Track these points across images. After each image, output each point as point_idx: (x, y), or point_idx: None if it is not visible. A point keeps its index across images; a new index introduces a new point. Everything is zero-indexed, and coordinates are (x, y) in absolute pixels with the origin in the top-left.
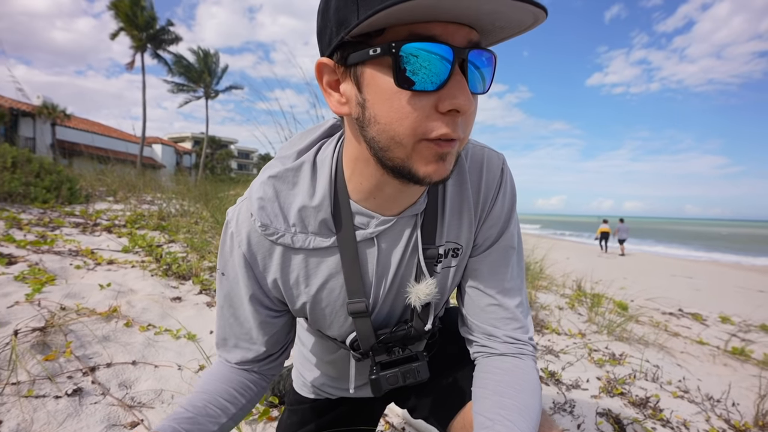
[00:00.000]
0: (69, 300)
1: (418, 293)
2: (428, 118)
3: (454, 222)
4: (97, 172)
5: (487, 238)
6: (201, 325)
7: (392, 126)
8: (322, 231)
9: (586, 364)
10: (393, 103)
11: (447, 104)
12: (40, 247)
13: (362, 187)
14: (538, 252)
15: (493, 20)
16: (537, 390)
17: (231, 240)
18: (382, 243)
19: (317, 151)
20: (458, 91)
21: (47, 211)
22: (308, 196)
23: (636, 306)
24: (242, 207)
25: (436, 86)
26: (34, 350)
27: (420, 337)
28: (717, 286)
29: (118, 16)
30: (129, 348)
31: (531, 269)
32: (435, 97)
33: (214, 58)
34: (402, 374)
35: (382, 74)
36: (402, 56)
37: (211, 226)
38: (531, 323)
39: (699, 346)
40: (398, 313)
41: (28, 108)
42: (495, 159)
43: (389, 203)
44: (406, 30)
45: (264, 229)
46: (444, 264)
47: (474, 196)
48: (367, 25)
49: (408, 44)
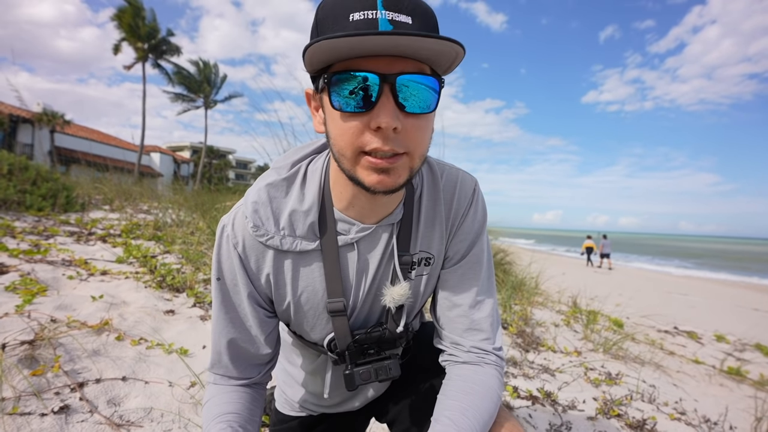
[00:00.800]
0: (60, 312)
1: (393, 295)
2: (362, 135)
3: (427, 233)
4: (94, 180)
5: (457, 252)
6: (194, 340)
7: (337, 141)
8: (308, 235)
9: (583, 383)
10: (336, 122)
11: (374, 122)
12: (32, 256)
13: (342, 196)
14: (534, 267)
15: (417, 52)
16: (490, 393)
17: (227, 242)
18: (362, 248)
19: (309, 163)
20: (382, 111)
21: (42, 219)
22: (298, 202)
23: (631, 323)
24: (238, 212)
25: (367, 108)
26: (22, 365)
27: (394, 340)
28: (712, 303)
29: (121, 26)
30: (119, 363)
31: (526, 285)
32: (367, 116)
33: (213, 69)
34: (375, 370)
35: (328, 99)
36: (333, 84)
37: (207, 237)
38: (500, 334)
39: (695, 365)
40: (375, 316)
41: (27, 115)
42: (468, 180)
43: (367, 212)
44: (343, 65)
45: (255, 230)
46: (417, 271)
47: (446, 211)
48: (313, 63)
49: (338, 74)
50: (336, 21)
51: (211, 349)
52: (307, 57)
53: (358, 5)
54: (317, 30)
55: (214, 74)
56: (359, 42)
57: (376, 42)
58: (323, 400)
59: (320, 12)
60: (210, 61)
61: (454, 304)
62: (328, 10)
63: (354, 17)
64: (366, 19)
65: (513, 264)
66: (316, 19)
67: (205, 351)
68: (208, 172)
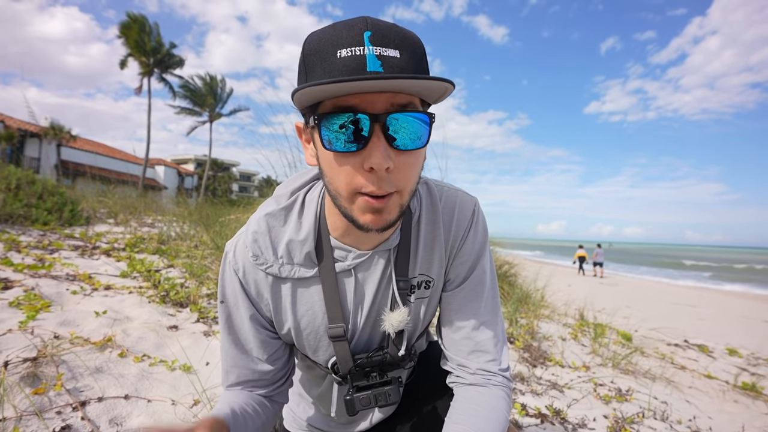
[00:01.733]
0: (63, 328)
1: (392, 321)
2: (357, 176)
3: (426, 257)
4: (99, 194)
5: (458, 274)
6: (197, 356)
7: (332, 180)
8: (306, 263)
9: (592, 400)
10: (328, 162)
11: (366, 163)
12: (37, 271)
13: (337, 225)
14: (540, 280)
15: (405, 89)
16: (496, 415)
17: (229, 268)
18: (359, 274)
19: (306, 192)
20: (374, 151)
21: (47, 233)
22: (295, 231)
23: (640, 336)
24: (239, 240)
25: (358, 147)
26: (24, 383)
27: (396, 363)
28: (720, 315)
29: (127, 42)
30: (122, 380)
31: (532, 297)
32: (360, 156)
33: (220, 84)
34: (374, 396)
35: (319, 139)
36: (323, 125)
37: (210, 251)
38: (506, 355)
39: (707, 380)
40: (376, 340)
41: (35, 129)
42: (468, 201)
43: (363, 239)
44: (331, 103)
45: (255, 259)
46: (417, 295)
47: (445, 234)
48: (302, 101)
49: (327, 117)
50: (323, 58)
51: (221, 367)
52: (296, 99)
53: (345, 42)
54: (305, 65)
55: (220, 88)
56: (347, 86)
57: (364, 85)
58: (331, 419)
59: (307, 47)
60: (217, 76)
61: (458, 327)
62: (314, 45)
63: (341, 54)
64: (353, 56)
65: (518, 276)
66: (303, 53)
67: (209, 367)
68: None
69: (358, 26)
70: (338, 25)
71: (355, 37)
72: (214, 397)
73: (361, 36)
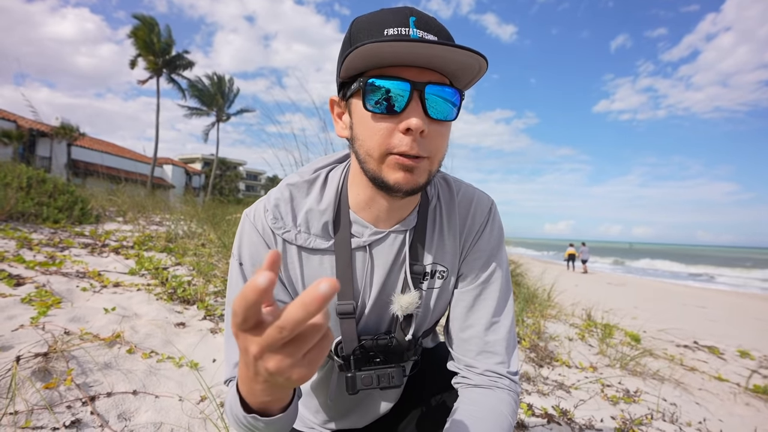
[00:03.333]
0: (73, 324)
1: (401, 302)
2: (391, 136)
3: (440, 244)
4: (108, 192)
5: (471, 270)
6: (204, 353)
7: (366, 141)
8: (323, 233)
9: (599, 401)
10: (366, 123)
11: (403, 124)
12: (48, 268)
13: (359, 198)
14: (546, 279)
15: (445, 64)
16: (499, 419)
17: (250, 226)
18: (374, 252)
19: (330, 170)
20: (413, 114)
21: (58, 231)
22: (316, 201)
23: (648, 337)
24: (259, 205)
25: (396, 111)
26: (35, 377)
27: (402, 352)
28: (731, 316)
29: (137, 43)
30: (130, 376)
31: (539, 297)
32: (396, 119)
33: (228, 84)
34: (377, 376)
35: (359, 102)
36: (368, 87)
37: (217, 249)
38: (515, 358)
39: (718, 382)
40: (384, 325)
41: (45, 128)
42: (485, 199)
43: (383, 215)
44: (377, 72)
45: (274, 221)
46: (429, 284)
47: (460, 225)
48: (352, 68)
49: (372, 79)
50: (371, 35)
51: (225, 361)
52: (348, 61)
53: (392, 23)
54: (351, 42)
55: (228, 88)
56: (399, 47)
57: (413, 49)
58: (329, 412)
59: (354, 26)
60: (225, 76)
61: (468, 326)
62: (362, 26)
63: (388, 32)
64: (400, 34)
65: (524, 276)
66: (350, 32)
67: (215, 364)
68: (219, 183)
69: (404, 12)
70: (385, 10)
71: (401, 19)
72: (220, 394)
73: (406, 19)
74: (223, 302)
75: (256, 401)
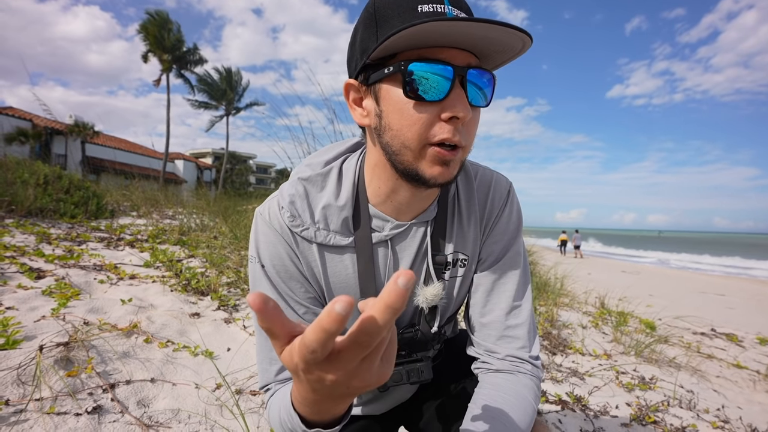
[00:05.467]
0: (92, 315)
1: (426, 295)
2: (432, 125)
3: (461, 233)
4: (122, 188)
5: (491, 253)
6: (219, 342)
7: (402, 132)
8: (342, 230)
9: (614, 388)
10: (403, 112)
11: (448, 112)
12: (66, 261)
13: (380, 191)
14: (560, 268)
15: (488, 44)
16: (523, 404)
17: (266, 226)
18: (396, 246)
19: (343, 161)
20: (457, 101)
21: (75, 225)
22: (333, 197)
23: (664, 325)
24: (272, 203)
25: (439, 98)
26: (58, 366)
27: (426, 342)
28: (751, 304)
29: (147, 38)
30: (148, 365)
31: (551, 286)
32: (438, 107)
33: (236, 77)
34: (407, 372)
35: (394, 88)
36: (409, 72)
37: (229, 241)
38: (537, 342)
39: (737, 369)
40: (407, 317)
41: (60, 127)
42: (503, 181)
43: (404, 207)
44: (415, 53)
45: (292, 219)
46: (451, 273)
47: (480, 210)
48: (384, 48)
49: (414, 63)
50: (402, 11)
51: (259, 367)
52: (385, 44)
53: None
54: (375, 18)
55: (236, 81)
56: (453, 27)
57: (466, 29)
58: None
59: (379, 3)
60: (233, 69)
61: (489, 310)
62: (390, 1)
63: (423, 8)
64: (435, 11)
65: (536, 264)
66: (374, 7)
67: (230, 353)
68: (230, 177)
69: None
70: None
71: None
72: (235, 382)
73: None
74: (236, 293)
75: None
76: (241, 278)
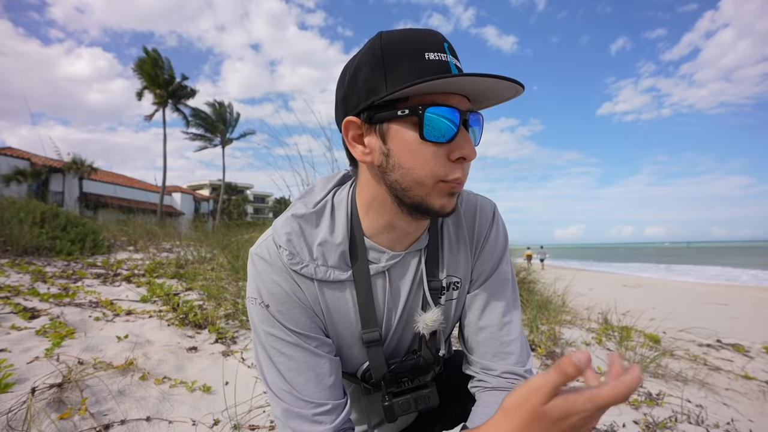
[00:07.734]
0: (87, 353)
1: (426, 321)
2: (444, 165)
3: (453, 257)
4: (119, 222)
5: (481, 273)
6: (216, 377)
7: (415, 170)
8: (340, 264)
9: (621, 405)
10: (416, 152)
11: (457, 153)
12: (62, 299)
13: (377, 224)
14: (560, 284)
15: (485, 93)
16: None
17: (265, 266)
18: (393, 276)
19: (333, 195)
20: (464, 143)
21: (71, 262)
22: (329, 232)
23: (669, 338)
24: (268, 242)
25: (447, 140)
26: (50, 408)
27: (428, 367)
28: (755, 313)
29: (142, 76)
30: (143, 403)
31: (553, 303)
32: (447, 148)
33: (228, 109)
34: (414, 400)
35: (407, 129)
36: (426, 117)
37: (227, 273)
38: (529, 356)
39: (745, 381)
40: (407, 344)
41: (58, 164)
42: (488, 204)
43: (400, 238)
44: (428, 99)
45: (291, 257)
46: (447, 296)
47: (469, 234)
48: (399, 93)
49: (431, 108)
50: (412, 57)
51: (272, 412)
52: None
53: (431, 47)
54: (384, 60)
55: (229, 113)
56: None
57: (479, 83)
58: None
59: (386, 46)
60: (225, 102)
61: (482, 327)
62: (398, 45)
63: (429, 56)
64: (440, 60)
65: (537, 282)
66: (380, 52)
67: (228, 387)
68: (227, 207)
69: (437, 36)
70: (416, 30)
71: (438, 44)
72: (233, 417)
73: (442, 45)
74: (234, 324)
75: None
76: (239, 309)
